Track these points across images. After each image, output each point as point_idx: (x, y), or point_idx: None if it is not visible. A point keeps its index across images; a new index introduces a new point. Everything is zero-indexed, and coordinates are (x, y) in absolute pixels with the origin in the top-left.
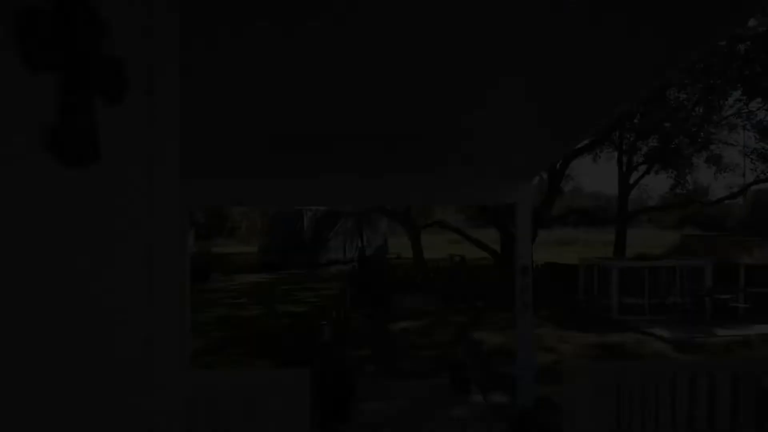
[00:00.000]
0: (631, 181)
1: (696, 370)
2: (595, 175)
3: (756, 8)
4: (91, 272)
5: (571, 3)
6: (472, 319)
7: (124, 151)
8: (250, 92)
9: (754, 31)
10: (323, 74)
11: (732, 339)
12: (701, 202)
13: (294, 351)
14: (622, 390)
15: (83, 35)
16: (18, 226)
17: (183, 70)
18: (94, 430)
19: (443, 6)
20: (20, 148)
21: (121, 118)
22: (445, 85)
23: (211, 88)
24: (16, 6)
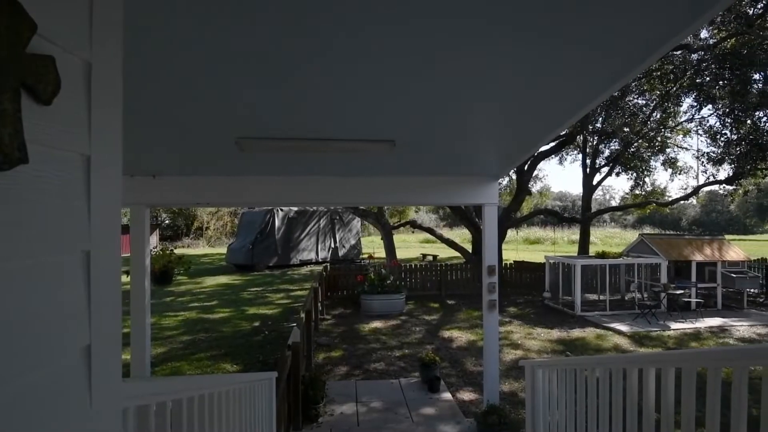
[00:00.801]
0: (595, 182)
1: (644, 362)
2: (562, 176)
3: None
4: (20, 280)
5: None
6: (442, 317)
7: (57, 153)
8: (215, 91)
9: (705, 42)
10: (288, 76)
11: (684, 332)
12: (657, 203)
13: (263, 354)
14: (577, 383)
15: (8, 32)
16: None
17: (138, 69)
18: None
19: (410, 10)
20: None
21: (52, 118)
22: (412, 88)
23: (172, 85)
24: None
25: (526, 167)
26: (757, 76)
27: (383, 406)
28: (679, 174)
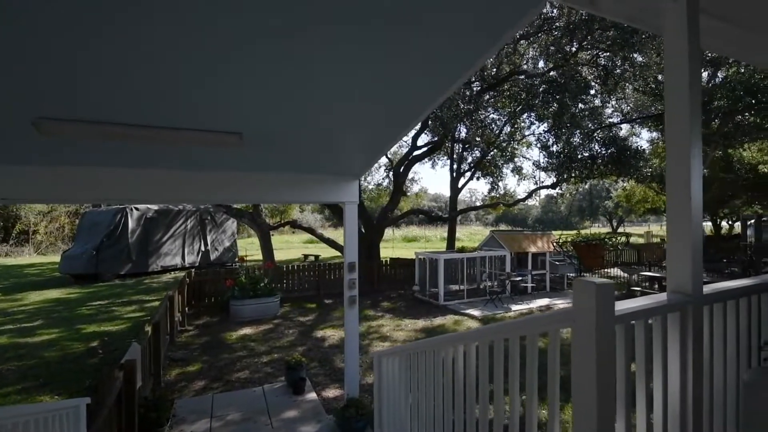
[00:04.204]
0: (460, 185)
1: (454, 340)
2: (435, 179)
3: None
4: None
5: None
6: (318, 317)
7: None
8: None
9: (540, 71)
10: (106, 45)
11: (521, 312)
12: (505, 204)
13: (93, 378)
14: (411, 365)
15: None
16: None
17: None
18: None
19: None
20: None
21: None
22: (267, 83)
23: None
24: None
25: (402, 169)
26: (570, 102)
27: (242, 417)
28: (523, 179)
